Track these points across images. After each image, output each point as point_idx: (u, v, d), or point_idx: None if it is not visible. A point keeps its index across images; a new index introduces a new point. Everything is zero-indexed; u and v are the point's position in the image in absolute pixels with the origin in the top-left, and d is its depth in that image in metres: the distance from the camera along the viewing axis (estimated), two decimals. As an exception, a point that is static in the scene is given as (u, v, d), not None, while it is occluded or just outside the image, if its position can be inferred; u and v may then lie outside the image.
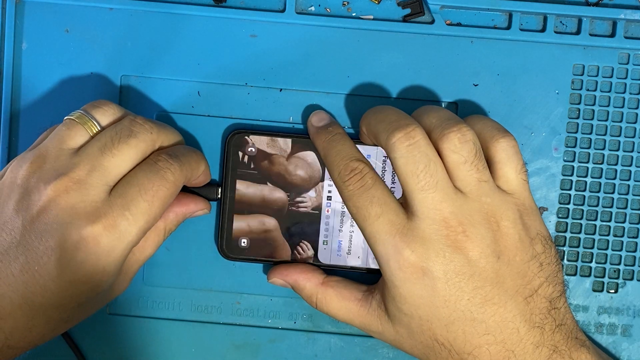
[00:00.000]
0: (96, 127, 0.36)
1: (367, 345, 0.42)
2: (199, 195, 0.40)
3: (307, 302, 0.39)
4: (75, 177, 0.34)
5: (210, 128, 0.41)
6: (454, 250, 0.34)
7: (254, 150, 0.40)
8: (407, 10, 0.41)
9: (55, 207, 0.33)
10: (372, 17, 0.41)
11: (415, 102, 0.41)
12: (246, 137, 0.40)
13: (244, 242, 0.40)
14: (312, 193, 0.40)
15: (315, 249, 0.40)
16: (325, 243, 0.40)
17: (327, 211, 0.40)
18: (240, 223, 0.40)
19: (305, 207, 0.40)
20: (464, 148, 0.34)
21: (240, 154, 0.40)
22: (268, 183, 0.40)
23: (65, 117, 0.36)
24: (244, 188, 0.40)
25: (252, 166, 0.40)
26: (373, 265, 0.40)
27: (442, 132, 0.35)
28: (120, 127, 0.35)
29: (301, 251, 0.40)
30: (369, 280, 0.39)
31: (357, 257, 0.40)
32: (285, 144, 0.40)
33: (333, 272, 0.40)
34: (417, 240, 0.34)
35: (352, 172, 0.36)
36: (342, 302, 0.38)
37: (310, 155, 0.40)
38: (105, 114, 0.36)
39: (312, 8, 0.41)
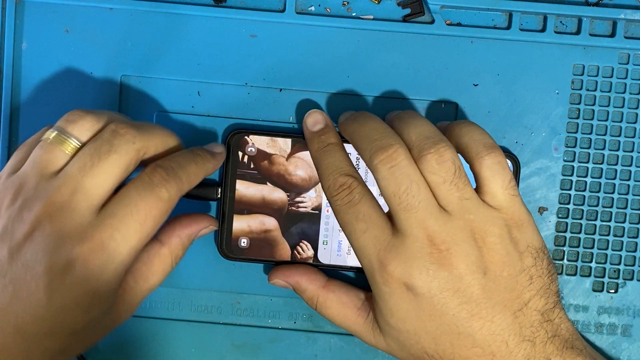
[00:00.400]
0: (75, 145, 0.34)
1: (367, 346, 0.42)
2: (200, 198, 0.40)
3: (308, 304, 0.39)
4: (57, 202, 0.32)
5: (210, 128, 0.41)
6: (439, 267, 0.34)
7: (254, 150, 0.40)
8: (407, 10, 0.41)
9: (40, 233, 0.32)
10: (372, 17, 0.41)
11: (415, 102, 0.41)
12: (246, 137, 0.40)
13: (243, 242, 0.40)
14: (312, 193, 0.40)
15: (315, 249, 0.40)
16: (325, 243, 0.40)
17: (327, 211, 0.40)
18: (240, 223, 0.40)
19: (305, 207, 0.40)
20: (442, 169, 0.34)
21: (240, 154, 0.40)
22: (268, 183, 0.40)
23: (42, 138, 0.34)
24: (244, 188, 0.40)
25: (252, 166, 0.40)
26: None
27: (420, 153, 0.35)
28: (100, 143, 0.34)
29: (301, 251, 0.40)
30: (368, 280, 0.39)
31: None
32: (285, 144, 0.40)
33: (333, 272, 0.40)
34: (401, 256, 0.34)
35: (341, 188, 0.36)
36: (341, 309, 0.38)
37: (310, 156, 0.40)
38: (83, 129, 0.34)
39: (312, 8, 0.41)
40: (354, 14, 0.41)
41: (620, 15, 0.40)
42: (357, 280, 0.40)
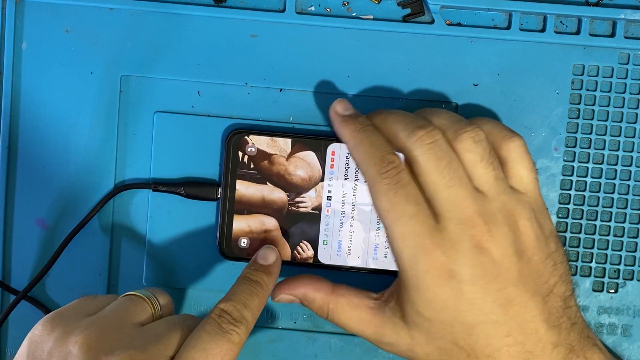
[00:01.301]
0: (158, 310, 0.35)
1: (367, 346, 0.42)
2: (199, 198, 0.40)
3: (318, 313, 0.38)
4: (140, 348, 0.31)
5: (210, 128, 0.41)
6: (480, 251, 0.34)
7: (254, 150, 0.40)
8: (407, 10, 0.41)
9: None
10: (372, 17, 0.41)
11: (415, 102, 0.41)
12: (246, 137, 0.40)
13: (244, 242, 0.40)
14: (312, 193, 0.40)
15: (315, 249, 0.40)
16: (325, 243, 0.40)
17: (327, 211, 0.40)
18: (240, 223, 0.40)
19: (305, 207, 0.40)
20: (478, 146, 0.35)
21: (240, 154, 0.40)
22: (268, 183, 0.40)
23: (128, 293, 0.35)
24: (244, 188, 0.40)
25: (252, 166, 0.40)
26: (373, 265, 0.40)
27: (456, 132, 0.35)
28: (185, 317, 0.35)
29: (301, 251, 0.40)
30: (368, 280, 0.39)
31: (357, 257, 0.40)
32: (285, 144, 0.40)
33: (332, 272, 0.40)
34: (445, 241, 0.34)
35: (390, 165, 0.35)
36: (353, 312, 0.37)
37: (310, 156, 0.40)
38: (164, 302, 0.36)
39: (312, 8, 0.41)
40: (354, 14, 0.41)
41: (620, 15, 0.40)
42: (361, 279, 0.40)
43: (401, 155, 0.35)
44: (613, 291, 0.42)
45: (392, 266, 0.38)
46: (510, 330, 0.34)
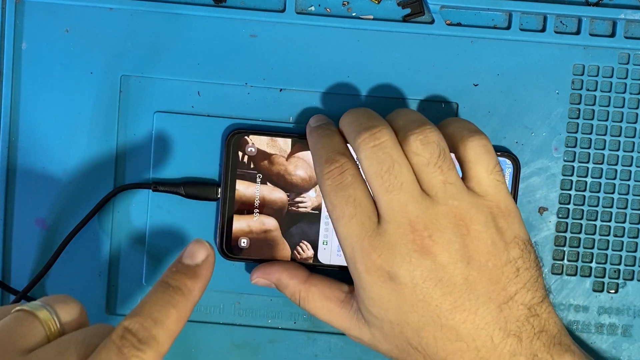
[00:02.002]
0: (56, 327, 0.29)
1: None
2: (199, 198, 0.40)
3: (291, 300, 0.39)
4: None
5: (210, 128, 0.41)
6: (421, 255, 0.33)
7: (253, 150, 0.40)
8: (407, 10, 0.41)
9: None
10: (372, 17, 0.41)
11: (415, 102, 0.41)
12: (246, 137, 0.40)
13: (244, 242, 0.40)
14: (312, 193, 0.40)
15: (315, 248, 0.40)
16: (325, 243, 0.40)
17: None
18: (240, 223, 0.40)
19: (305, 207, 0.40)
20: (426, 149, 0.34)
21: (240, 154, 0.40)
22: (268, 183, 0.40)
23: (20, 308, 0.29)
24: (244, 188, 0.40)
25: (252, 166, 0.40)
26: None
27: (405, 134, 0.34)
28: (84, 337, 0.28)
29: (301, 251, 0.40)
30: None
31: None
32: (285, 144, 0.40)
33: (332, 272, 0.40)
34: (384, 244, 0.34)
35: (333, 165, 0.35)
36: (324, 302, 0.38)
37: (310, 156, 0.40)
38: (70, 314, 0.30)
39: (312, 8, 0.41)
40: (354, 14, 0.41)
41: (620, 15, 0.40)
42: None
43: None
44: (613, 291, 0.41)
45: None
46: (460, 336, 0.34)
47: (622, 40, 0.41)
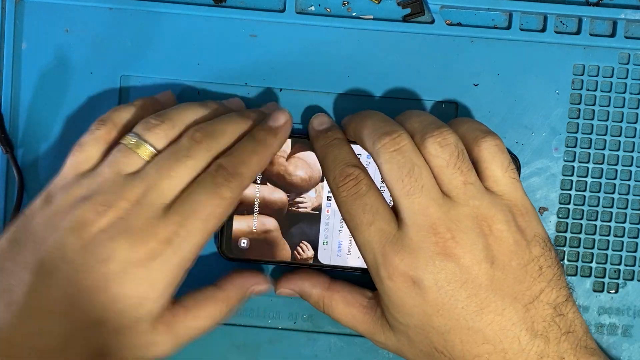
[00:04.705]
0: (152, 151, 0.35)
1: (367, 346, 0.42)
2: None
3: (316, 307, 0.39)
4: (132, 198, 0.33)
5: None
6: (444, 257, 0.33)
7: None
8: (407, 10, 0.41)
9: (114, 227, 0.33)
10: (372, 17, 0.41)
11: (415, 102, 0.41)
12: None
13: (244, 243, 0.40)
14: (312, 193, 0.40)
15: (315, 249, 0.40)
16: (325, 243, 0.40)
17: (327, 211, 0.40)
18: (240, 223, 0.40)
19: (305, 208, 0.40)
20: (445, 151, 0.34)
21: None
22: (268, 183, 0.40)
23: (121, 142, 0.35)
24: None
25: None
26: None
27: (423, 137, 0.34)
28: (178, 149, 0.35)
29: (301, 252, 0.40)
30: (369, 279, 0.39)
31: (357, 257, 0.40)
32: (286, 144, 0.40)
33: (333, 272, 0.40)
34: (405, 248, 0.33)
35: (347, 178, 0.35)
36: (347, 309, 0.38)
37: (310, 156, 0.40)
38: (159, 137, 0.35)
39: (312, 8, 0.41)
40: (354, 14, 0.41)
41: (620, 15, 0.40)
42: (361, 280, 0.40)
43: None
44: (613, 291, 0.41)
45: None
46: (487, 338, 0.33)
47: (623, 40, 0.41)
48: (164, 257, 0.33)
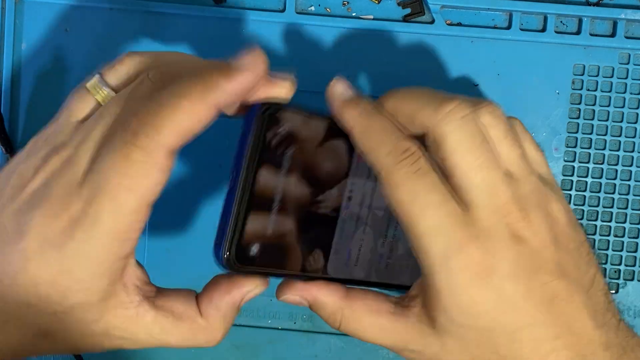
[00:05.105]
0: (108, 94, 0.29)
1: (368, 346, 0.42)
2: None
3: (329, 321, 0.32)
4: (65, 154, 0.28)
5: (209, 128, 0.41)
6: (518, 241, 0.29)
7: (284, 132, 0.30)
8: (407, 10, 0.41)
9: (38, 193, 0.28)
10: (372, 17, 0.41)
11: (415, 102, 0.41)
12: (278, 115, 0.30)
13: (254, 249, 0.30)
14: (334, 191, 0.32)
15: (326, 258, 0.32)
16: (337, 252, 0.33)
17: (345, 214, 0.32)
18: (254, 224, 0.30)
19: (325, 209, 0.32)
20: (500, 122, 0.30)
21: (267, 136, 0.30)
22: (292, 176, 0.30)
23: (82, 83, 0.30)
24: (263, 179, 0.30)
25: (278, 153, 0.30)
26: (375, 279, 0.34)
27: (476, 105, 0.30)
28: (125, 91, 0.29)
29: (312, 261, 0.32)
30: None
31: (365, 268, 0.34)
32: (317, 128, 0.31)
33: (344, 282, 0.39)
34: (480, 233, 0.28)
35: (407, 152, 0.29)
36: (372, 318, 0.31)
37: (340, 146, 0.32)
38: (117, 76, 0.30)
39: (312, 8, 0.41)
40: (354, 14, 0.41)
41: (620, 15, 0.40)
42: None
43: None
44: (614, 292, 0.41)
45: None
46: (560, 332, 0.29)
47: (623, 40, 0.41)
48: (75, 241, 0.27)
